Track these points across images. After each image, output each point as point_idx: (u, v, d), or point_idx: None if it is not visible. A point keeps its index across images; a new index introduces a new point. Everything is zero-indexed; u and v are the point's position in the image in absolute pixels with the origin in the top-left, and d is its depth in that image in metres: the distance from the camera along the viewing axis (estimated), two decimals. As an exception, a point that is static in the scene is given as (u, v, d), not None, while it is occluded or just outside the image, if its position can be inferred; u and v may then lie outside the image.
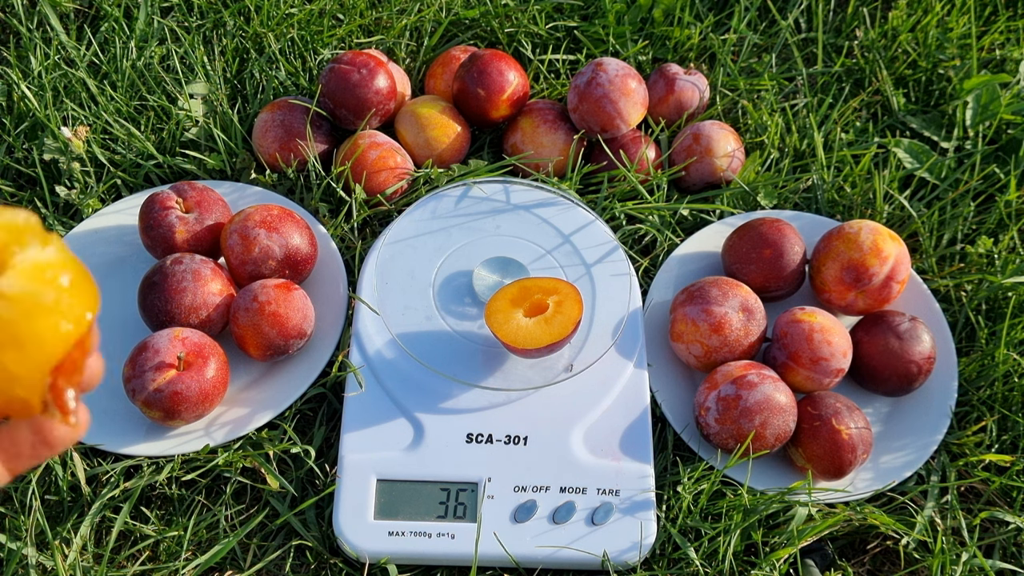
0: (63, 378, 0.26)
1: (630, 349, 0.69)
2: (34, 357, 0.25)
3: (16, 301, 0.24)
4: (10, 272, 0.25)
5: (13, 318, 0.24)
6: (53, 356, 0.25)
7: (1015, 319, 0.74)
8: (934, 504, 0.67)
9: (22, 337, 0.24)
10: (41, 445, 0.30)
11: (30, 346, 0.25)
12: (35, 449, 0.30)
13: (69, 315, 0.25)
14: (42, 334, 0.25)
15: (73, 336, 0.25)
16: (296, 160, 0.78)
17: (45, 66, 0.82)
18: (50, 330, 0.25)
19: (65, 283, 0.25)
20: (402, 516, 0.61)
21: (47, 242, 0.26)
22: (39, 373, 0.25)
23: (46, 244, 0.25)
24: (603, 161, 0.80)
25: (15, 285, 0.24)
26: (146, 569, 0.62)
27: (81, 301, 0.26)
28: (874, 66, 0.92)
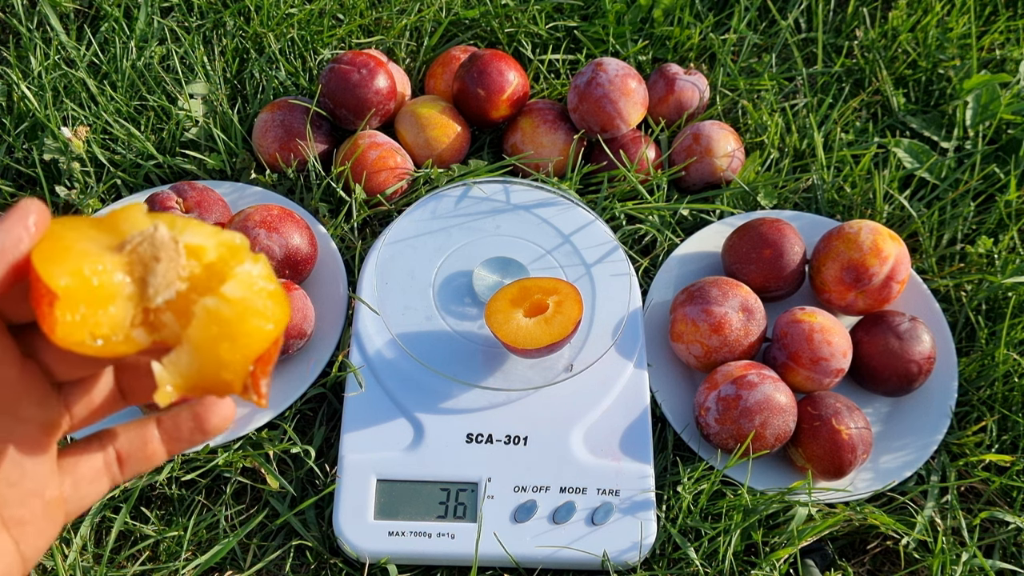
0: (260, 368, 0.31)
1: (630, 349, 0.69)
2: (242, 349, 0.31)
3: (235, 304, 0.31)
4: (232, 280, 0.31)
5: (231, 318, 0.30)
6: (256, 350, 0.31)
7: (1015, 319, 0.74)
8: (934, 504, 0.67)
9: (236, 333, 0.30)
10: (198, 431, 0.35)
11: (241, 340, 0.30)
12: (192, 434, 0.35)
13: (271, 318, 0.31)
14: (251, 332, 0.31)
15: (272, 335, 0.31)
16: (296, 160, 0.78)
17: (45, 66, 0.82)
18: (257, 329, 0.31)
19: (270, 292, 0.31)
20: (402, 516, 0.62)
21: (257, 260, 0.32)
22: (244, 362, 0.31)
23: (256, 261, 0.32)
24: (603, 161, 0.80)
25: (236, 291, 0.31)
26: (146, 569, 0.62)
27: (279, 308, 0.32)
28: (874, 66, 0.92)
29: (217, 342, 0.30)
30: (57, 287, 0.28)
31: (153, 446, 0.35)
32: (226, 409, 0.35)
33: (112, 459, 0.35)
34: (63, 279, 0.29)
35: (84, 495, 0.35)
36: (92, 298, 0.29)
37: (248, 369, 0.31)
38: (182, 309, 0.31)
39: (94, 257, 0.30)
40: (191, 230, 0.32)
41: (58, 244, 0.30)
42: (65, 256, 0.29)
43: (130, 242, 0.31)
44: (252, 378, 0.31)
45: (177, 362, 0.30)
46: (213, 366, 0.30)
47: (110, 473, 0.35)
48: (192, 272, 0.31)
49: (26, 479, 0.32)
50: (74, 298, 0.29)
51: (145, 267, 0.30)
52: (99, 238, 0.31)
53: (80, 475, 0.34)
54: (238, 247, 0.32)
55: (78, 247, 0.30)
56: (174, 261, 0.31)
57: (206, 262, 0.31)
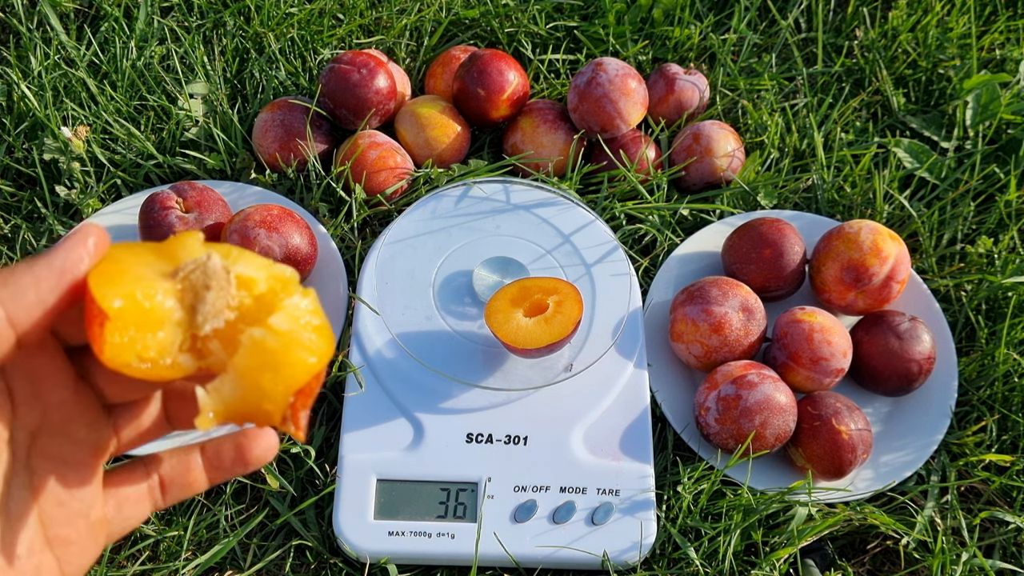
0: (300, 400, 0.32)
1: (630, 349, 0.69)
2: (285, 381, 0.31)
3: (281, 336, 0.31)
4: (280, 313, 0.31)
5: (277, 349, 0.31)
6: (298, 382, 0.31)
7: (1015, 319, 0.74)
8: (934, 504, 0.67)
9: (280, 364, 0.31)
10: (239, 462, 0.36)
11: (284, 371, 0.31)
12: (233, 465, 0.36)
13: (315, 352, 0.31)
14: (295, 363, 0.31)
15: (315, 369, 0.31)
16: (296, 160, 0.78)
17: (45, 66, 0.82)
18: (301, 361, 0.31)
19: (315, 326, 0.32)
20: (402, 516, 0.61)
21: (306, 294, 0.33)
22: (286, 393, 0.31)
23: (306, 295, 0.33)
24: (603, 161, 0.80)
25: (283, 324, 0.31)
26: (146, 569, 0.62)
27: (324, 343, 0.32)
28: (874, 66, 0.92)
29: (260, 372, 0.31)
30: (109, 308, 0.29)
31: (195, 474, 0.36)
32: (269, 440, 0.36)
33: (155, 484, 0.36)
34: (116, 301, 0.29)
35: (127, 517, 0.35)
36: (142, 321, 0.30)
37: (289, 401, 0.31)
38: (229, 338, 0.31)
39: (147, 282, 0.31)
40: (244, 261, 0.32)
41: (114, 267, 0.30)
42: (120, 279, 0.30)
43: (183, 269, 0.31)
44: (292, 410, 0.31)
45: (220, 389, 0.31)
46: (255, 395, 0.31)
47: (152, 498, 0.36)
48: (242, 302, 0.32)
49: (73, 499, 0.32)
50: (124, 320, 0.29)
51: (196, 295, 0.31)
52: (155, 264, 0.32)
53: (124, 497, 0.35)
54: (288, 280, 0.33)
55: (133, 271, 0.31)
56: (224, 290, 0.31)
57: (256, 293, 0.32)
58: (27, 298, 0.28)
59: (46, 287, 0.29)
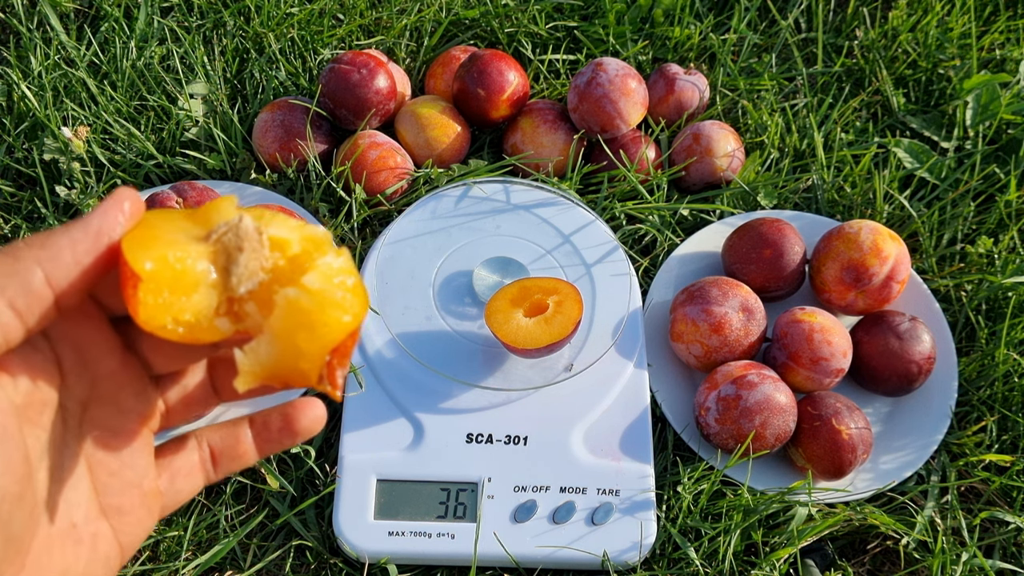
0: (336, 359, 0.31)
1: (630, 349, 0.69)
2: (320, 339, 0.31)
3: (315, 295, 0.31)
4: (313, 272, 0.31)
5: (311, 308, 0.31)
6: (333, 340, 0.31)
7: (1015, 319, 0.74)
8: (934, 504, 0.67)
9: (315, 323, 0.31)
10: (286, 432, 0.36)
11: (319, 330, 0.31)
12: (281, 435, 0.36)
13: (349, 310, 0.31)
14: (329, 322, 0.31)
15: (350, 327, 0.31)
16: (296, 160, 0.78)
17: (45, 66, 0.82)
18: (335, 320, 0.31)
19: (350, 286, 0.32)
20: (402, 516, 0.62)
21: (340, 253, 0.32)
22: (322, 352, 0.31)
23: (339, 255, 0.32)
24: (603, 161, 0.80)
25: (316, 282, 0.31)
26: (146, 569, 0.62)
27: (359, 302, 0.32)
28: (874, 66, 0.92)
29: (296, 332, 0.31)
30: (141, 270, 0.29)
31: (244, 446, 0.36)
32: (317, 410, 0.36)
33: (207, 456, 0.36)
34: (148, 263, 0.29)
35: (180, 490, 0.35)
36: (175, 284, 0.30)
37: (325, 359, 0.31)
38: (265, 300, 0.31)
39: (180, 245, 0.31)
40: (276, 223, 0.32)
41: (148, 232, 0.30)
42: (152, 243, 0.30)
43: (216, 232, 0.31)
44: (328, 368, 0.31)
45: (257, 350, 0.31)
46: (292, 355, 0.31)
47: (204, 470, 0.36)
48: (275, 263, 0.32)
49: (126, 469, 0.33)
50: (157, 282, 0.29)
51: (229, 257, 0.31)
52: (189, 228, 0.32)
53: (176, 470, 0.35)
54: (321, 240, 0.32)
55: (166, 236, 0.31)
56: (257, 252, 0.31)
57: (290, 254, 0.32)
58: (63, 259, 0.29)
59: (82, 249, 0.29)
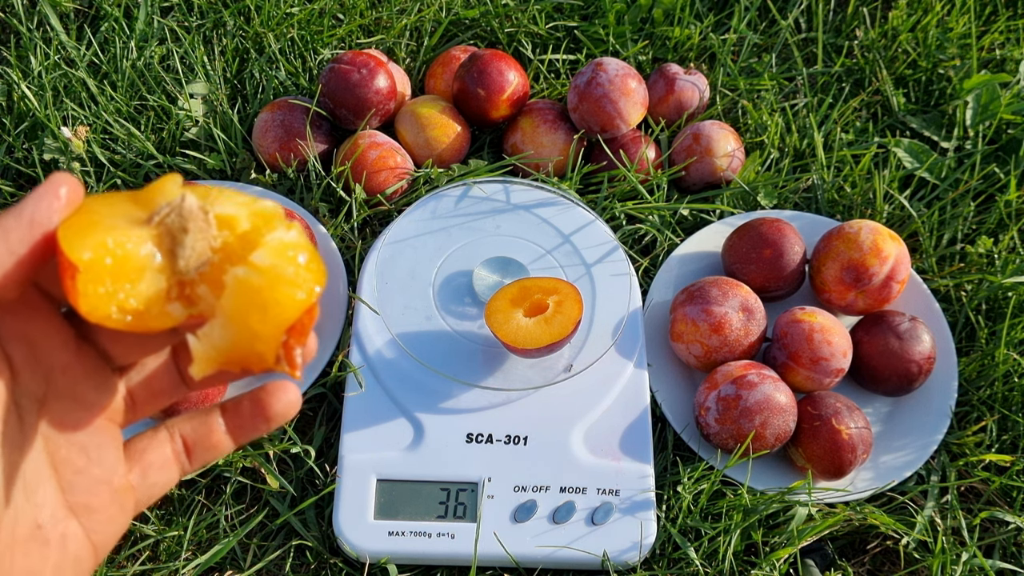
0: (293, 338, 0.30)
1: (630, 349, 0.69)
2: (274, 319, 0.30)
3: (264, 272, 0.30)
4: (261, 249, 0.30)
5: (261, 286, 0.29)
6: (288, 319, 0.30)
7: (1015, 319, 0.74)
8: (934, 504, 0.67)
9: (266, 302, 0.30)
10: (259, 417, 0.34)
11: (272, 309, 0.30)
12: (254, 421, 0.35)
13: (303, 286, 0.30)
14: (282, 300, 0.30)
15: (305, 304, 0.30)
16: (296, 160, 0.78)
17: (45, 66, 0.82)
18: (288, 297, 0.30)
19: (302, 261, 0.30)
20: (402, 516, 0.62)
21: (290, 227, 0.31)
22: (276, 332, 0.30)
23: (289, 228, 0.31)
24: (603, 161, 0.80)
25: (265, 259, 0.30)
26: (146, 569, 0.62)
27: (313, 276, 0.30)
28: (874, 66, 0.92)
29: (248, 312, 0.30)
30: (79, 260, 0.28)
31: (218, 435, 0.35)
32: (290, 394, 0.35)
33: (180, 448, 0.35)
34: (85, 252, 0.28)
35: (154, 483, 0.34)
36: (117, 271, 0.29)
37: (281, 339, 0.30)
38: (216, 281, 0.30)
39: (120, 230, 0.29)
40: (223, 200, 0.31)
41: (86, 218, 0.29)
42: (90, 230, 0.29)
43: (157, 214, 0.30)
44: (285, 349, 0.30)
45: (211, 334, 0.30)
46: (246, 337, 0.30)
47: (179, 462, 0.35)
48: (225, 242, 0.30)
49: (92, 465, 0.32)
50: (97, 271, 0.28)
51: (174, 239, 0.30)
52: (131, 212, 0.30)
53: (148, 463, 0.34)
54: (271, 215, 0.31)
55: (106, 221, 0.29)
56: (204, 232, 0.30)
57: (239, 232, 0.30)
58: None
59: (15, 238, 0.28)
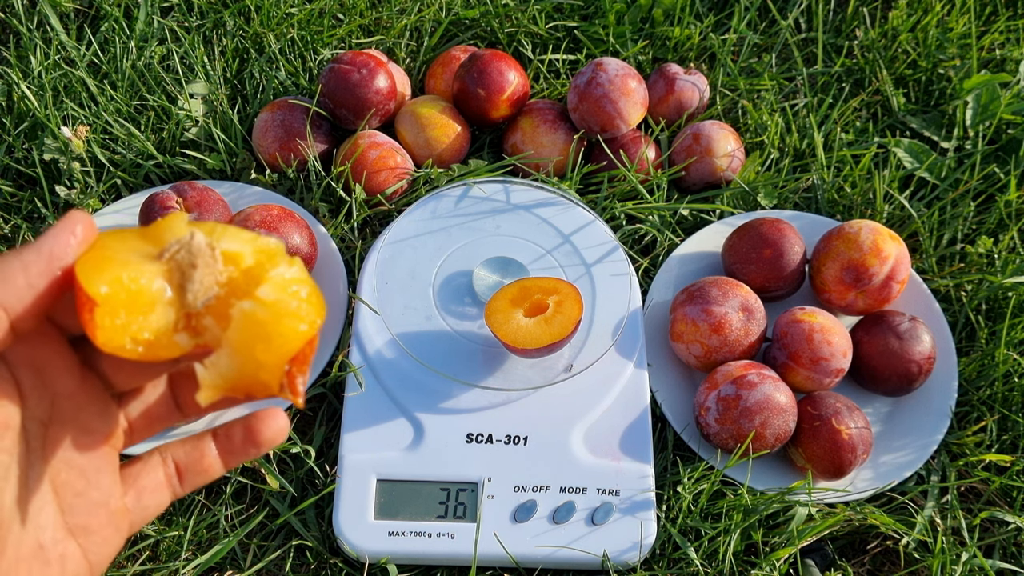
0: (296, 367, 0.32)
1: (630, 349, 0.69)
2: (278, 350, 0.32)
3: (269, 306, 0.32)
4: (266, 284, 0.32)
5: (267, 319, 0.32)
6: (291, 350, 0.32)
7: (1015, 319, 0.74)
8: (934, 504, 0.67)
9: (271, 334, 0.32)
10: (250, 443, 0.36)
11: (276, 341, 0.32)
12: (244, 447, 0.36)
13: (305, 319, 0.32)
14: (285, 332, 0.32)
15: (307, 336, 0.32)
16: (296, 160, 0.78)
17: (45, 66, 0.82)
18: (291, 330, 0.32)
19: (304, 295, 0.33)
20: (402, 516, 0.62)
21: (292, 263, 0.33)
22: (280, 362, 0.32)
23: (291, 264, 0.33)
24: (603, 161, 0.80)
25: (270, 294, 0.32)
26: (146, 569, 0.62)
27: (314, 310, 0.33)
28: (874, 66, 0.92)
29: (254, 344, 0.32)
30: (96, 294, 0.30)
31: (209, 459, 0.37)
32: (279, 421, 0.36)
33: (172, 472, 0.36)
34: (103, 287, 0.30)
35: (146, 506, 0.36)
36: (131, 305, 0.31)
37: (284, 369, 0.32)
38: (222, 313, 0.32)
39: (133, 265, 0.31)
40: (228, 237, 0.33)
41: (100, 254, 0.31)
42: (106, 265, 0.31)
43: (168, 250, 0.32)
44: (288, 377, 0.32)
45: (217, 364, 0.32)
46: (251, 367, 0.32)
47: (171, 486, 0.36)
48: (230, 277, 0.32)
49: (91, 488, 0.33)
50: (113, 305, 0.30)
51: (183, 274, 0.32)
52: (142, 248, 0.32)
53: (142, 487, 0.35)
54: (274, 251, 0.33)
55: (119, 257, 0.31)
56: (211, 267, 0.32)
57: (243, 267, 0.33)
58: (16, 283, 0.29)
59: (35, 272, 0.30)
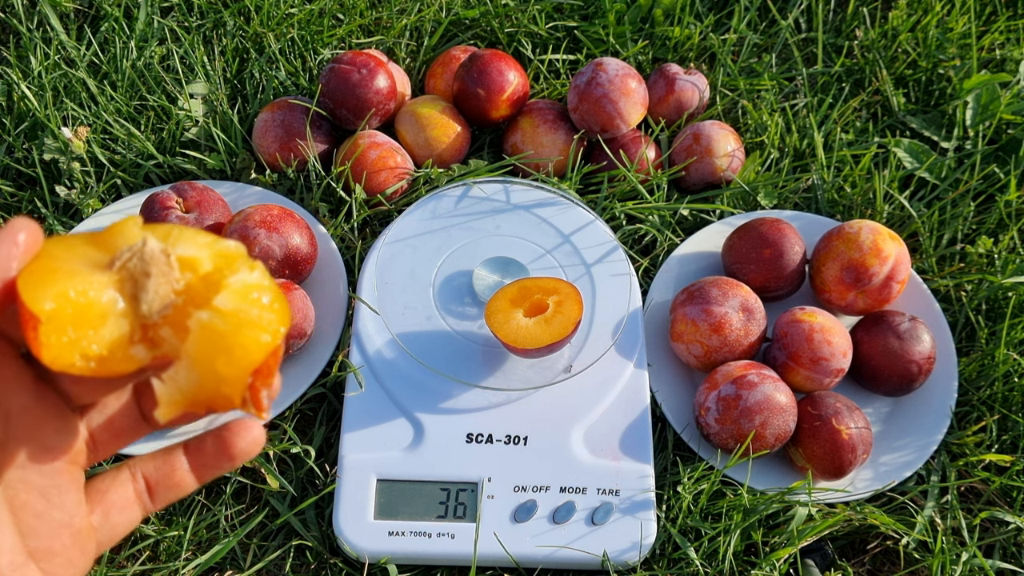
0: (259, 380, 0.30)
1: (630, 349, 0.69)
2: (239, 362, 0.30)
3: (228, 316, 0.30)
4: (225, 292, 0.30)
5: (226, 330, 0.30)
6: (253, 362, 0.30)
7: (1015, 319, 0.74)
8: (934, 504, 0.67)
9: (231, 345, 0.30)
10: (223, 456, 0.34)
11: (237, 353, 0.30)
12: (218, 460, 0.34)
13: (268, 329, 0.30)
14: (246, 344, 0.30)
15: (270, 346, 0.30)
16: (296, 160, 0.78)
17: (45, 66, 0.82)
18: (253, 341, 0.30)
19: (266, 302, 0.31)
20: (402, 516, 0.62)
21: (253, 267, 0.31)
22: (242, 375, 0.30)
23: (252, 269, 0.31)
24: (603, 161, 0.80)
25: (228, 303, 0.30)
26: (146, 569, 0.62)
27: (277, 318, 0.31)
28: (874, 66, 0.92)
29: (214, 356, 0.30)
30: (40, 311, 0.28)
31: (181, 474, 0.35)
32: (254, 432, 0.34)
33: (142, 488, 0.34)
34: (47, 303, 0.28)
35: (115, 524, 0.34)
36: (79, 319, 0.29)
37: (247, 382, 0.30)
38: (180, 323, 0.30)
39: (81, 277, 0.29)
40: (185, 241, 0.31)
41: (45, 265, 0.29)
42: (51, 278, 0.28)
43: (119, 259, 0.30)
44: (251, 391, 0.30)
45: (176, 378, 0.30)
46: (211, 380, 0.30)
47: (141, 502, 0.34)
48: (187, 284, 0.30)
49: (53, 509, 0.31)
50: (60, 321, 0.28)
51: (136, 283, 0.30)
52: (91, 256, 0.30)
53: (110, 504, 0.34)
54: (233, 255, 0.31)
55: (66, 267, 0.29)
56: (166, 275, 0.30)
57: (201, 273, 0.30)
58: None
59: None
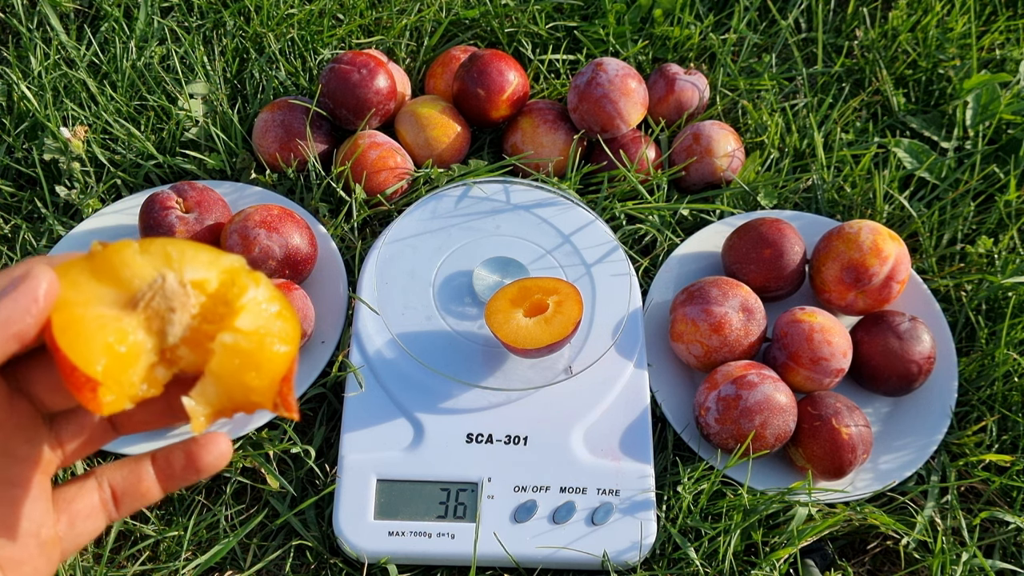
0: (285, 385, 0.32)
1: (630, 349, 0.69)
2: (268, 375, 0.32)
3: (251, 336, 0.32)
4: (243, 313, 0.32)
5: (252, 349, 0.32)
6: (280, 372, 0.32)
7: (1015, 319, 0.74)
8: (934, 504, 0.67)
9: (259, 361, 0.32)
10: (190, 469, 0.35)
11: (265, 367, 0.32)
12: (185, 472, 0.35)
13: (286, 339, 0.32)
14: (272, 357, 0.32)
15: (291, 355, 0.32)
16: (296, 160, 0.78)
17: (45, 66, 0.82)
18: (276, 354, 0.32)
19: (275, 311, 0.32)
20: (402, 516, 0.62)
21: (258, 282, 0.33)
22: (272, 385, 0.32)
23: (258, 284, 0.33)
24: (603, 161, 0.80)
25: (249, 323, 0.32)
26: (146, 569, 0.62)
27: (290, 326, 0.33)
28: (874, 66, 0.92)
29: (242, 372, 0.32)
30: (95, 374, 0.29)
31: (147, 484, 0.35)
32: (220, 447, 0.35)
33: (108, 496, 0.35)
34: (98, 364, 0.29)
35: (80, 532, 0.34)
36: (123, 366, 0.31)
37: (276, 390, 0.32)
38: (194, 340, 0.32)
39: (113, 324, 0.31)
40: (188, 262, 0.32)
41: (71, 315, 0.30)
42: (86, 332, 0.30)
43: (142, 299, 0.31)
44: (281, 397, 0.32)
45: (205, 393, 0.32)
46: (241, 392, 0.32)
47: (106, 511, 0.35)
48: (201, 306, 0.32)
49: (21, 519, 0.31)
50: (113, 378, 0.30)
51: (163, 319, 0.32)
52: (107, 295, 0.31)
53: (75, 512, 0.34)
54: (237, 270, 0.33)
55: (92, 314, 0.30)
56: (185, 305, 0.32)
57: (210, 291, 0.32)
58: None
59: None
